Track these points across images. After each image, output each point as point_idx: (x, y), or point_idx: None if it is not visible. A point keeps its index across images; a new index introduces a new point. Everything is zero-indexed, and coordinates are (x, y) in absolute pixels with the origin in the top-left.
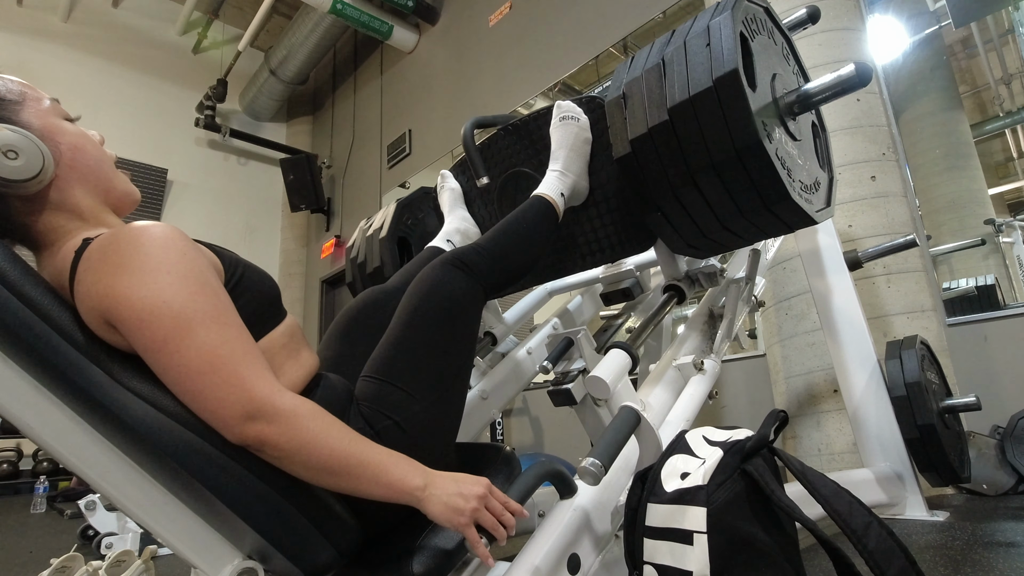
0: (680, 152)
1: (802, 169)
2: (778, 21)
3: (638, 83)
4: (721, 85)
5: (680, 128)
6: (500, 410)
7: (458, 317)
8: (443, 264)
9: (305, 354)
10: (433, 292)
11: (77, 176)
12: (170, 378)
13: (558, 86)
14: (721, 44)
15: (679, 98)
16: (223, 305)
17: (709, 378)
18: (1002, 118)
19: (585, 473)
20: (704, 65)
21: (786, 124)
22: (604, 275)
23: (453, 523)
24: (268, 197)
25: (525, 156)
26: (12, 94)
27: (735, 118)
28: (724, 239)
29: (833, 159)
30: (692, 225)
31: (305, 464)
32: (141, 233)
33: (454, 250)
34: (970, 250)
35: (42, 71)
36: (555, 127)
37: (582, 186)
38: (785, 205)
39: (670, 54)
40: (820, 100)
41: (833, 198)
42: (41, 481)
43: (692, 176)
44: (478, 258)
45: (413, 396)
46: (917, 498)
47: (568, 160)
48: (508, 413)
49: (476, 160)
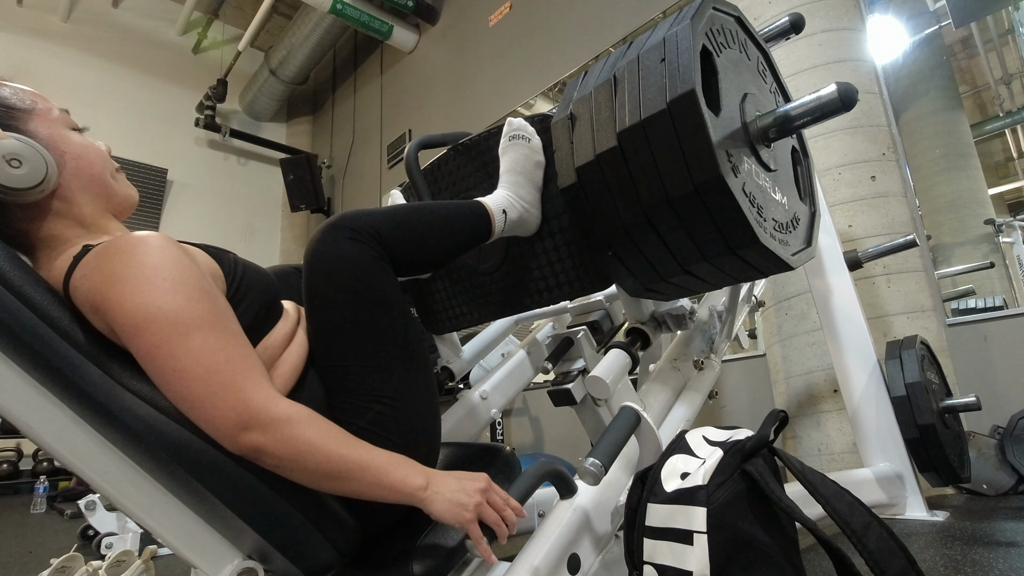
0: (631, 184)
1: (776, 206)
2: (753, 32)
3: (587, 102)
4: (676, 108)
5: (631, 156)
6: (500, 410)
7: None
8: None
9: (300, 333)
10: (333, 271)
11: (80, 185)
12: (166, 385)
13: (558, 86)
14: (678, 59)
15: (629, 122)
16: (219, 311)
17: (709, 378)
18: (1002, 118)
19: (585, 473)
20: (659, 84)
21: (758, 153)
22: (572, 305)
23: (458, 519)
24: (268, 197)
25: (476, 180)
26: (22, 103)
27: (693, 148)
28: (687, 283)
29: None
30: (649, 267)
31: (304, 470)
32: (137, 243)
33: (345, 214)
34: (970, 250)
35: (42, 71)
36: (504, 147)
37: (532, 216)
38: (754, 250)
39: (622, 69)
40: (800, 125)
41: (815, 236)
42: (41, 481)
43: (646, 212)
44: (366, 221)
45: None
46: (917, 498)
47: (516, 186)
48: (508, 413)
49: (420, 185)
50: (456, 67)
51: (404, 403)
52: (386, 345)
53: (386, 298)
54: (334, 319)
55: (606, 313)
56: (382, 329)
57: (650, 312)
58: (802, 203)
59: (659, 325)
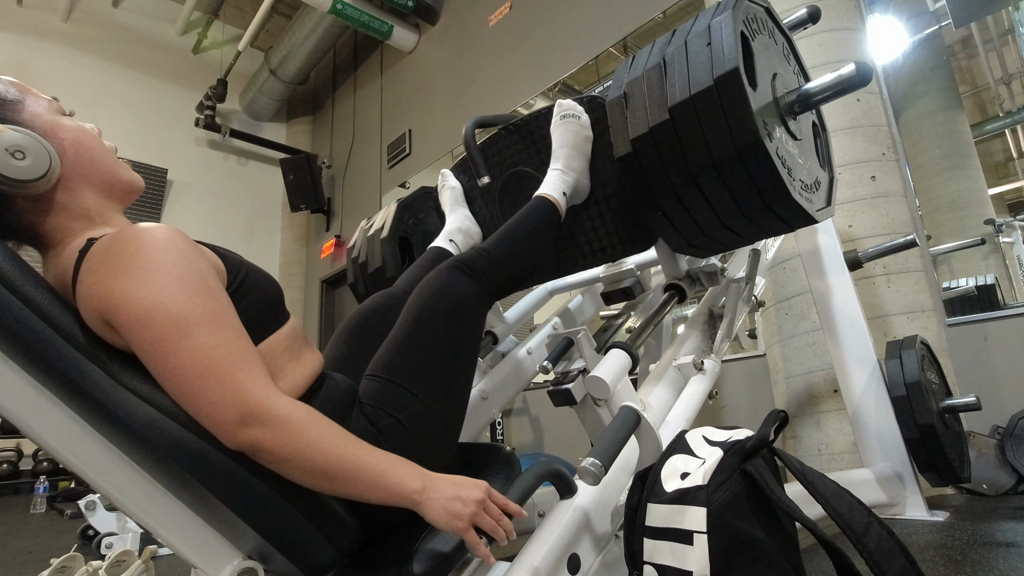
0: (681, 151)
1: (802, 168)
2: (779, 21)
3: (639, 82)
4: (722, 84)
5: (681, 127)
6: (500, 410)
7: (463, 320)
8: (449, 269)
9: (308, 355)
10: (438, 296)
11: (82, 172)
12: (166, 380)
13: (558, 86)
14: (722, 43)
15: (680, 97)
16: (221, 307)
17: (709, 378)
18: (1002, 118)
19: (585, 473)
20: (705, 64)
21: (786, 123)
22: (605, 274)
23: (451, 527)
24: (268, 197)
25: (526, 156)
26: (12, 95)
27: (736, 117)
28: (725, 238)
29: (834, 159)
30: (693, 224)
31: (301, 469)
32: (142, 234)
33: (460, 255)
34: (970, 250)
35: (42, 71)
36: (556, 125)
37: (584, 184)
38: (785, 204)
39: (671, 53)
40: (820, 100)
41: (833, 197)
42: (41, 481)
43: (693, 175)
44: (483, 263)
45: (416, 395)
46: (917, 498)
47: (569, 158)
48: (508, 413)
49: (477, 159)
50: (456, 67)
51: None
52: (434, 380)
53: (470, 345)
54: (412, 337)
55: (637, 280)
56: (442, 367)
57: (686, 270)
58: (822, 169)
59: (693, 282)
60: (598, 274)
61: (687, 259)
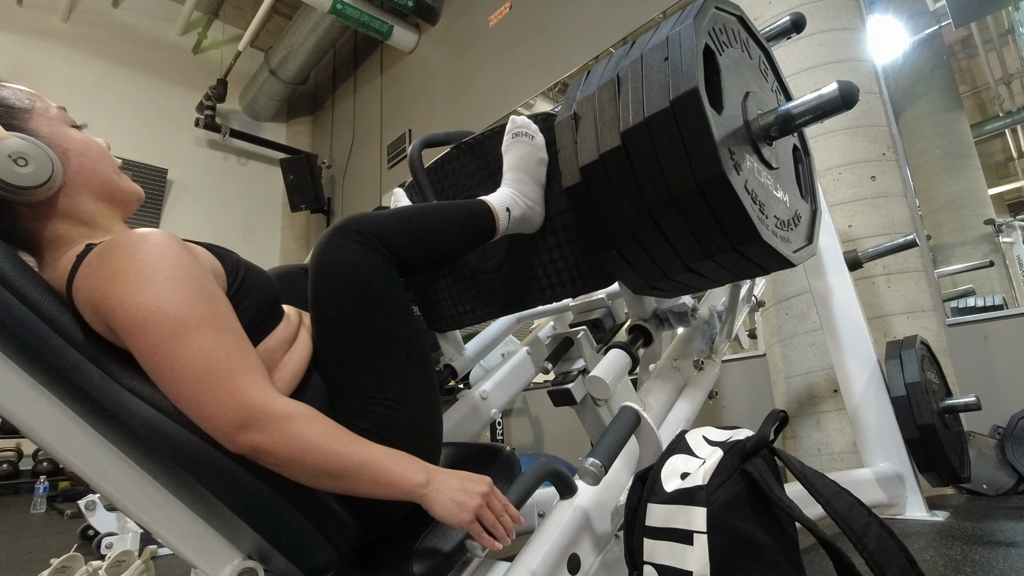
0: (635, 183)
1: (778, 203)
2: (754, 31)
3: (590, 101)
4: (679, 107)
5: (635, 155)
6: (500, 410)
7: (375, 288)
8: (340, 234)
9: (303, 335)
10: (338, 273)
11: (83, 182)
12: (165, 384)
13: (558, 86)
14: (681, 58)
15: (633, 121)
16: (219, 310)
17: (709, 378)
18: (1002, 118)
19: (585, 473)
20: (662, 83)
21: (760, 151)
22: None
23: (456, 519)
24: (268, 197)
25: (479, 178)
26: (21, 103)
27: (695, 145)
28: (689, 280)
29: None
30: (652, 265)
31: (303, 469)
32: (138, 240)
33: (351, 217)
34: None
35: (42, 71)
36: (507, 145)
37: (536, 212)
38: (756, 246)
39: (625, 68)
40: (801, 123)
41: (816, 233)
42: (41, 481)
43: (649, 211)
44: (373, 225)
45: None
46: (917, 498)
47: (519, 183)
48: (508, 413)
49: (424, 184)
50: (456, 67)
51: (406, 405)
52: (388, 347)
53: (390, 300)
54: (338, 320)
55: (608, 311)
56: (385, 331)
57: (652, 309)
58: (803, 200)
59: (661, 322)
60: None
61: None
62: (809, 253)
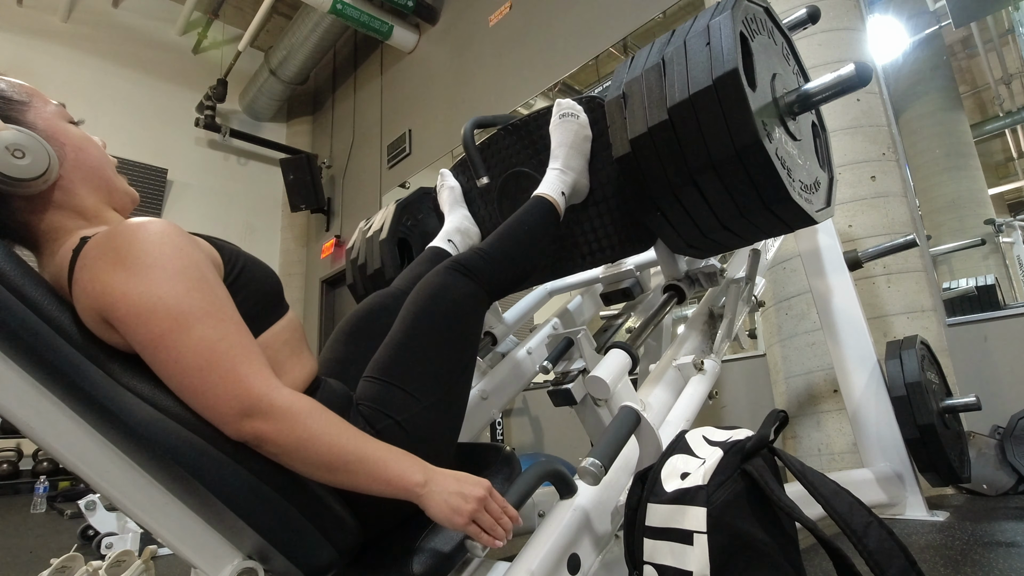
0: (680, 151)
1: (802, 169)
2: (778, 21)
3: (638, 82)
4: (721, 84)
5: (680, 127)
6: (500, 410)
7: (461, 320)
8: (446, 270)
9: (306, 354)
10: (436, 297)
11: (80, 176)
12: (167, 375)
13: (558, 86)
14: (721, 43)
15: (679, 97)
16: (220, 300)
17: (709, 378)
18: (1002, 118)
19: (585, 473)
20: (704, 64)
21: (786, 124)
22: (604, 275)
23: (451, 522)
24: (268, 197)
25: (525, 156)
26: (19, 96)
27: (735, 117)
28: (724, 239)
29: (833, 159)
30: (692, 225)
31: (304, 460)
32: (137, 229)
33: (458, 255)
34: (970, 250)
35: (42, 71)
36: (555, 125)
37: (583, 184)
38: (785, 205)
39: (670, 53)
40: (820, 100)
41: (833, 198)
42: (41, 481)
43: (692, 176)
44: (481, 263)
45: (414, 397)
46: (917, 498)
47: (568, 157)
48: (508, 413)
49: (476, 160)
50: (456, 67)
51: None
52: (432, 382)
53: (468, 347)
54: (410, 338)
55: (636, 281)
56: (440, 369)
57: (685, 270)
58: (822, 170)
59: (693, 283)
60: (597, 275)
61: (686, 260)
62: (828, 214)
